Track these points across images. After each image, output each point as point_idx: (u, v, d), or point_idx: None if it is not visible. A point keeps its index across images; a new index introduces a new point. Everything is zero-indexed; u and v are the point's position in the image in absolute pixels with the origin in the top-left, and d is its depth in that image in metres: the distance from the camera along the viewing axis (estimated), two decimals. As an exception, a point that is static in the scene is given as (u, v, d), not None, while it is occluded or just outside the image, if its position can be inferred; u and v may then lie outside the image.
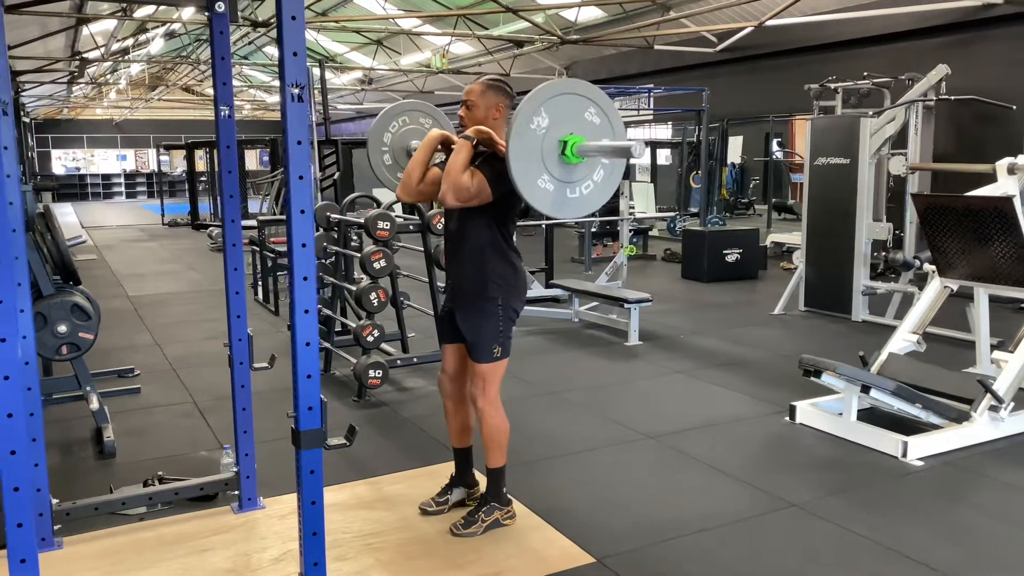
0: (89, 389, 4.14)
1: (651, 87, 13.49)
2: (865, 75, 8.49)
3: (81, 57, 15.43)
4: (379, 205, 5.38)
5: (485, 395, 2.99)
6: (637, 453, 4.01)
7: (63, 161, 30.88)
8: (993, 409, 3.99)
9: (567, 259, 10.80)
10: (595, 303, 7.01)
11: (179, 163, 27.11)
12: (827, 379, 4.07)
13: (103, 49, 14.72)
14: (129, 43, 16.93)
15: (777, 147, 15.45)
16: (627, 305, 6.28)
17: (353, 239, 5.98)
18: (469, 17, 14.87)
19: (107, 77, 22.59)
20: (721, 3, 11.25)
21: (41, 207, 4.14)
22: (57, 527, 3.02)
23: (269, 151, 18.25)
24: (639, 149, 2.56)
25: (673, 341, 6.39)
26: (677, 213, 13.76)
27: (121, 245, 14.08)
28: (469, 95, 2.94)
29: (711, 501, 3.45)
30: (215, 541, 3.04)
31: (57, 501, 3.04)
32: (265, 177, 16.98)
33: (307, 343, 2.26)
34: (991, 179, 4.68)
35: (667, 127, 17.97)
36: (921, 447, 3.84)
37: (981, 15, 9.16)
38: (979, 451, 3.93)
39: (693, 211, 14.18)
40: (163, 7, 13.62)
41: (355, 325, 4.91)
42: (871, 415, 4.24)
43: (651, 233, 12.42)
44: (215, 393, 4.89)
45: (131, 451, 4.03)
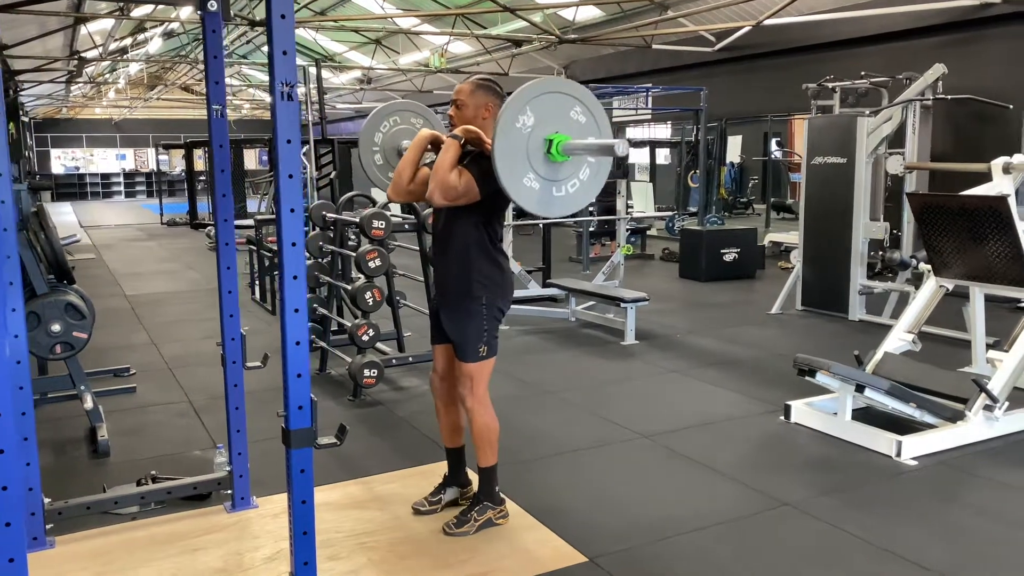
0: (83, 388, 4.14)
1: (649, 86, 13.49)
2: (863, 74, 8.49)
3: (79, 56, 15.42)
4: (375, 204, 5.37)
5: (473, 394, 2.98)
6: (632, 452, 4.01)
7: (62, 160, 30.86)
8: (988, 409, 3.99)
9: (565, 258, 10.80)
10: (592, 302, 7.01)
11: (178, 162, 27.09)
12: (821, 378, 4.07)
13: (101, 48, 14.70)
14: (128, 42, 16.91)
15: (776, 147, 15.43)
16: (623, 304, 6.28)
17: (351, 239, 5.99)
18: (467, 16, 14.86)
19: (106, 76, 22.57)
20: (719, 2, 11.24)
21: (35, 206, 4.13)
22: (49, 526, 3.02)
23: (268, 150, 18.24)
24: (622, 147, 2.55)
25: (670, 340, 6.39)
26: (676, 212, 13.75)
27: (120, 244, 14.08)
28: (458, 94, 2.94)
29: (705, 500, 3.45)
30: (207, 540, 3.03)
31: (49, 500, 3.04)
32: (263, 176, 16.98)
33: (297, 342, 2.26)
34: (988, 178, 4.68)
35: (666, 126, 17.96)
36: (915, 447, 3.83)
37: (979, 14, 9.15)
38: (973, 451, 3.92)
39: (692, 211, 14.18)
40: (160, 7, 13.62)
41: (350, 324, 4.91)
42: (866, 415, 4.25)
43: (649, 232, 12.42)
44: (210, 392, 4.88)
45: (125, 450, 4.03)
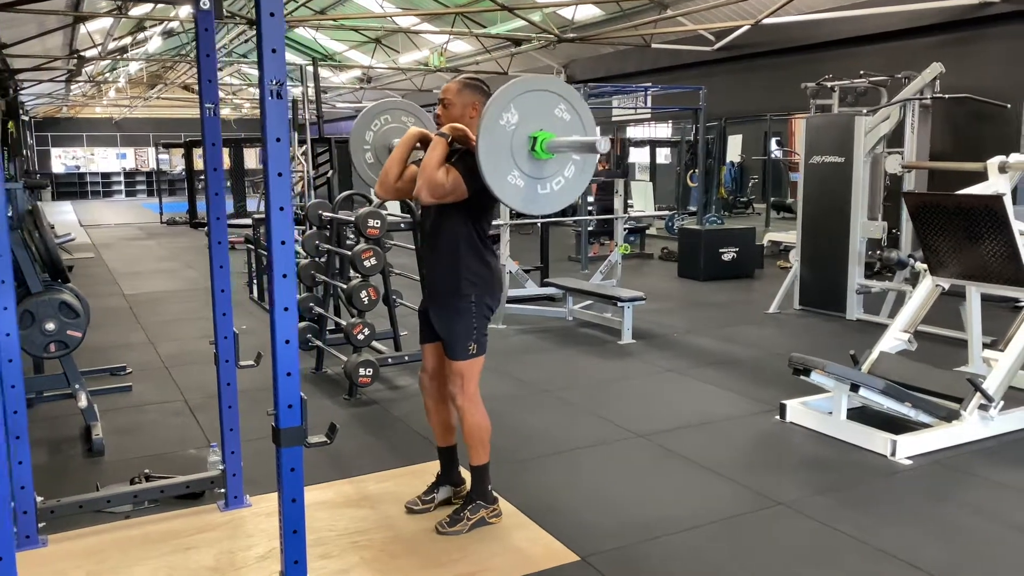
0: (78, 387, 4.14)
1: (648, 86, 13.48)
2: (862, 74, 8.48)
3: (79, 55, 15.42)
4: (371, 203, 5.37)
5: (464, 393, 2.98)
6: (627, 452, 4.01)
7: (63, 159, 30.88)
8: (983, 408, 3.98)
9: (564, 258, 10.80)
10: (589, 302, 7.00)
11: (178, 161, 27.09)
12: (816, 378, 4.06)
13: (100, 47, 14.70)
14: (127, 41, 16.91)
15: (776, 146, 15.42)
16: (620, 304, 6.27)
17: (349, 238, 5.98)
18: (467, 15, 14.86)
19: (106, 75, 22.58)
20: (718, 1, 11.23)
21: (29, 204, 4.13)
22: (42, 525, 3.01)
23: (267, 149, 18.19)
24: (603, 144, 2.56)
25: (667, 340, 6.39)
26: (675, 212, 13.75)
27: (119, 243, 14.09)
28: (445, 93, 2.95)
29: (698, 500, 3.44)
30: (200, 539, 3.03)
31: (42, 499, 3.04)
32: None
33: (287, 340, 2.26)
34: (984, 177, 4.67)
35: (667, 126, 17.95)
36: (910, 446, 3.83)
37: (978, 13, 9.14)
38: (968, 450, 3.92)
39: (692, 210, 14.17)
40: (158, 6, 13.62)
41: (346, 323, 4.90)
42: (862, 414, 4.24)
43: (649, 232, 12.41)
44: (206, 391, 4.88)
45: (120, 449, 4.03)
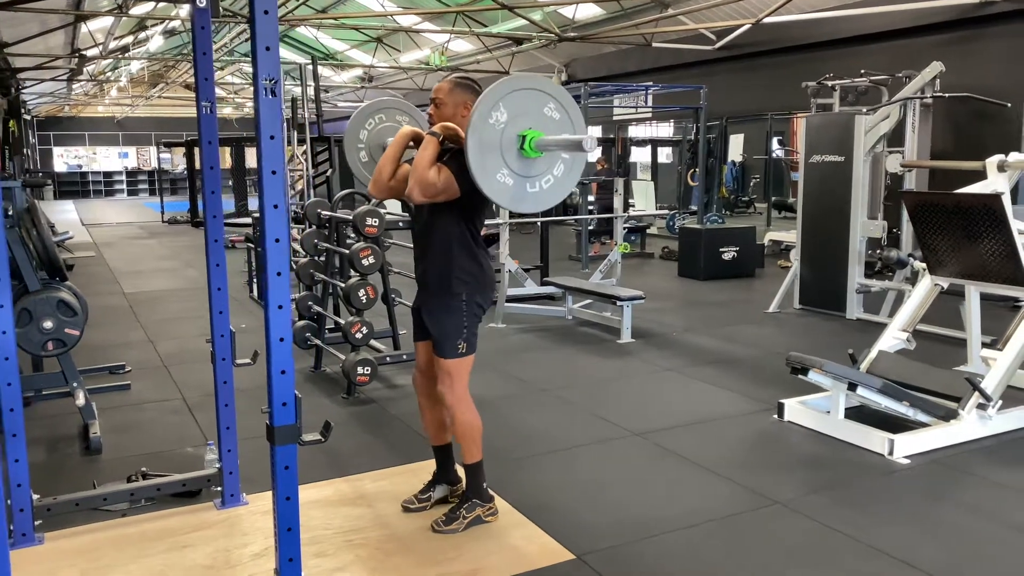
0: (76, 385, 4.14)
1: (649, 85, 13.47)
2: (863, 73, 8.48)
3: (80, 54, 15.44)
4: (369, 201, 5.37)
5: (452, 392, 2.98)
6: (624, 451, 4.00)
7: (65, 159, 30.93)
8: (981, 407, 3.97)
9: (564, 257, 10.79)
10: (589, 301, 7.00)
11: (180, 160, 27.11)
12: (814, 376, 4.06)
13: (101, 46, 14.72)
14: (129, 40, 16.93)
15: (777, 145, 15.40)
16: (620, 303, 6.27)
17: (350, 237, 5.97)
18: (468, 14, 14.86)
19: (107, 74, 22.60)
20: (719, 0, 11.22)
21: (27, 202, 4.14)
22: (38, 522, 3.02)
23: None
24: (590, 143, 2.56)
25: (666, 339, 6.38)
26: (676, 211, 13.73)
27: (120, 242, 14.10)
28: (437, 93, 2.96)
29: (695, 498, 3.44)
30: (196, 537, 3.03)
31: (38, 496, 3.04)
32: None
33: (281, 339, 2.25)
34: (984, 176, 4.66)
35: (669, 125, 17.94)
36: (908, 445, 3.82)
37: (979, 12, 9.13)
38: (966, 449, 3.91)
39: (693, 209, 14.16)
40: (157, 4, 13.64)
41: (344, 322, 4.90)
42: (860, 413, 4.23)
43: (650, 231, 12.40)
44: (204, 389, 4.88)
45: (118, 447, 4.03)
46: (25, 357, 4.23)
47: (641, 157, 17.48)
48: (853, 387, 3.98)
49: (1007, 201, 4.23)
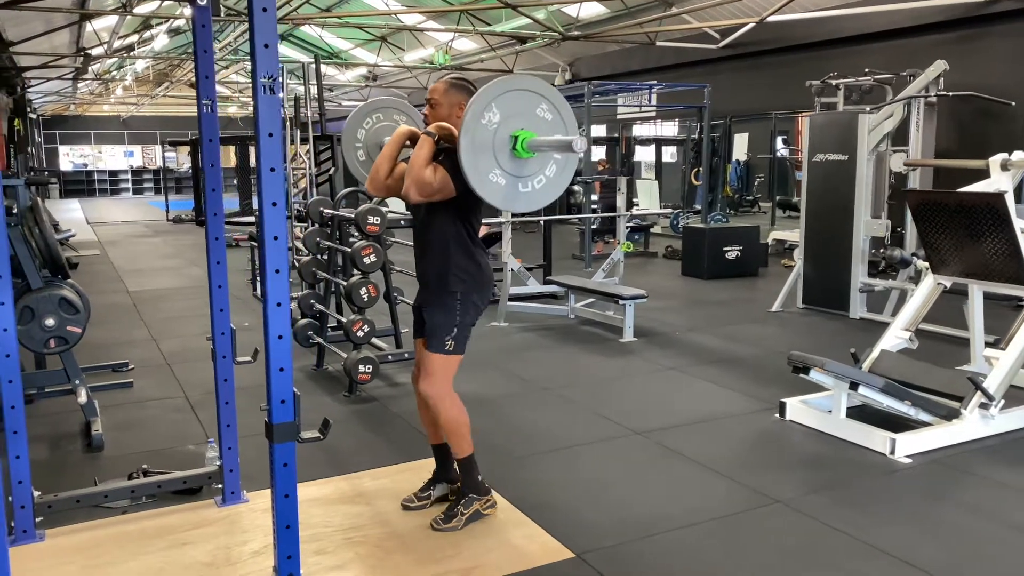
0: (78, 383, 4.15)
1: (653, 84, 13.45)
2: (867, 71, 8.45)
3: (85, 53, 15.48)
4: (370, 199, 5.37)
5: (433, 387, 2.99)
6: (625, 449, 4.00)
7: (71, 157, 31.02)
8: (983, 407, 3.96)
9: (568, 256, 10.79)
10: (591, 300, 6.99)
11: (185, 159, 27.16)
12: (815, 375, 4.05)
13: (106, 45, 14.75)
14: (134, 39, 16.96)
15: (782, 144, 15.37)
16: (622, 302, 6.26)
17: (352, 235, 5.98)
18: (472, 13, 14.86)
19: (113, 73, 22.65)
20: (723, -1, 11.21)
21: (30, 200, 4.15)
22: (39, 519, 3.02)
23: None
24: (580, 143, 2.58)
25: (669, 338, 6.37)
26: (680, 210, 13.72)
27: (125, 241, 14.14)
28: (432, 94, 2.97)
29: (696, 497, 3.43)
30: (196, 534, 3.04)
31: (39, 493, 3.05)
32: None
33: (279, 336, 2.26)
34: (988, 175, 4.64)
35: (673, 124, 17.91)
36: (910, 444, 3.81)
37: (984, 11, 9.10)
38: (969, 449, 3.90)
39: (697, 208, 14.14)
40: (161, 3, 13.67)
41: (346, 320, 4.91)
42: (862, 412, 4.22)
43: (653, 230, 12.38)
44: (206, 387, 4.88)
45: (119, 445, 4.04)
46: (28, 355, 4.24)
47: (645, 156, 17.46)
48: (855, 386, 3.97)
49: (1010, 200, 4.22)
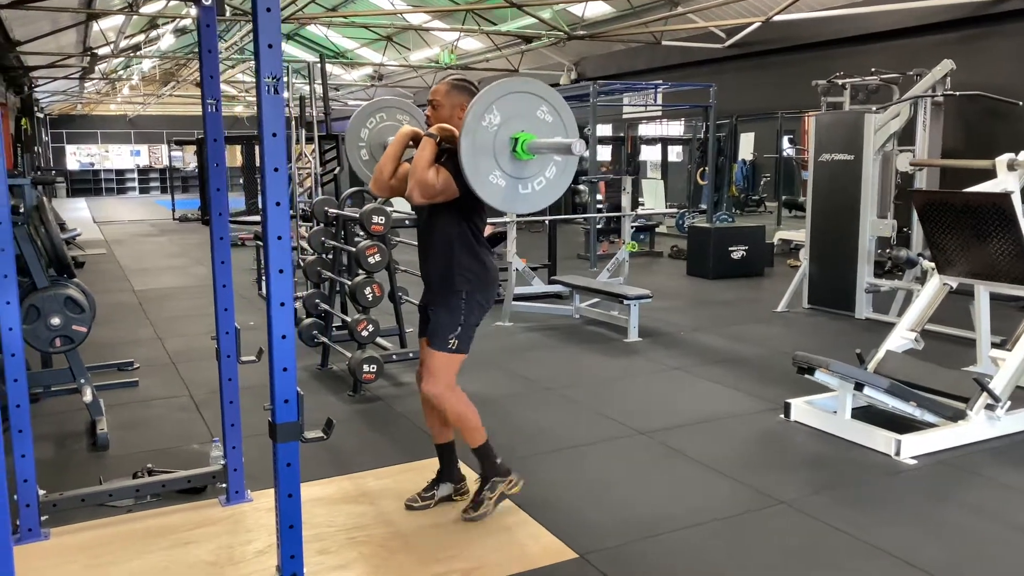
0: (83, 382, 4.16)
1: (659, 83, 13.43)
2: (873, 71, 8.42)
3: (92, 52, 15.52)
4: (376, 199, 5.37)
5: (435, 384, 2.98)
6: (629, 450, 4.00)
7: (77, 156, 31.10)
8: (989, 408, 3.94)
9: (573, 255, 10.78)
10: (596, 299, 6.99)
11: (191, 158, 27.22)
12: (820, 376, 4.04)
13: (113, 45, 14.79)
14: (140, 39, 17.01)
15: (788, 144, 15.33)
16: (627, 301, 6.26)
17: (357, 235, 5.98)
18: (477, 13, 14.85)
19: (119, 73, 22.72)
20: (729, -2, 11.18)
21: (36, 200, 4.17)
22: (44, 518, 3.03)
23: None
24: (579, 146, 2.59)
25: (673, 338, 6.37)
26: (686, 210, 13.70)
27: (131, 240, 14.17)
28: (434, 95, 2.97)
29: (700, 498, 3.43)
30: (200, 534, 3.05)
31: (44, 492, 3.06)
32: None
33: (283, 336, 2.27)
34: (994, 175, 4.62)
35: (679, 123, 17.89)
36: (915, 445, 3.80)
37: (990, 10, 9.06)
38: (974, 450, 3.88)
39: (703, 208, 14.12)
40: (168, 3, 13.70)
41: (350, 320, 4.91)
42: (867, 413, 4.21)
43: (659, 230, 12.37)
44: (211, 387, 4.88)
45: (124, 444, 4.05)
46: (34, 354, 4.25)
47: (651, 155, 17.45)
48: (860, 387, 3.96)
49: (1017, 200, 4.20)
